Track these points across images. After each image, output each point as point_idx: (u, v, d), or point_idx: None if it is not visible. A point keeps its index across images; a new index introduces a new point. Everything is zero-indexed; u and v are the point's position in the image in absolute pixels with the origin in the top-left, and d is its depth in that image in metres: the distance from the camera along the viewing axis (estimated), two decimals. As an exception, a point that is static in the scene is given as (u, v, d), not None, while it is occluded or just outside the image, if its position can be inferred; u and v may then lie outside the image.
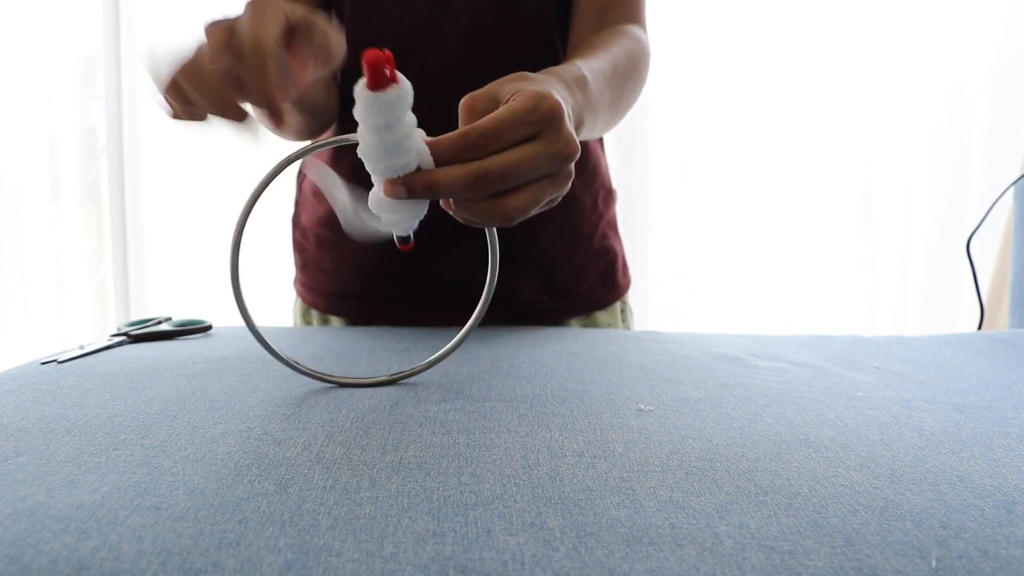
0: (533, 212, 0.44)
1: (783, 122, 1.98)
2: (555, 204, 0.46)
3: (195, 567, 0.27)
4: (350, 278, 0.84)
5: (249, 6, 0.46)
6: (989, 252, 1.68)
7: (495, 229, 0.47)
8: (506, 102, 0.43)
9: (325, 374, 0.51)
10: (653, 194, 1.97)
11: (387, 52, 0.40)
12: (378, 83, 0.39)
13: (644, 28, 0.79)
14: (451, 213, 0.44)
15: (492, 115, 0.42)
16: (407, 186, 0.41)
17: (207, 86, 0.46)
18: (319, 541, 0.29)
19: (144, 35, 1.89)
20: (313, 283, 0.87)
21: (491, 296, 0.50)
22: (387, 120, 0.39)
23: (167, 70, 0.47)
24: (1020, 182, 1.05)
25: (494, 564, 0.28)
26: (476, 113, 0.43)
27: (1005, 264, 1.64)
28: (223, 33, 0.45)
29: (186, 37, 0.49)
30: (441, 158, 0.41)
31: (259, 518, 0.30)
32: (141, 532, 0.29)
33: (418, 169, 0.41)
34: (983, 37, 1.93)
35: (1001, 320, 1.63)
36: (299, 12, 0.48)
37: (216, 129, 0.48)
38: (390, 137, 0.40)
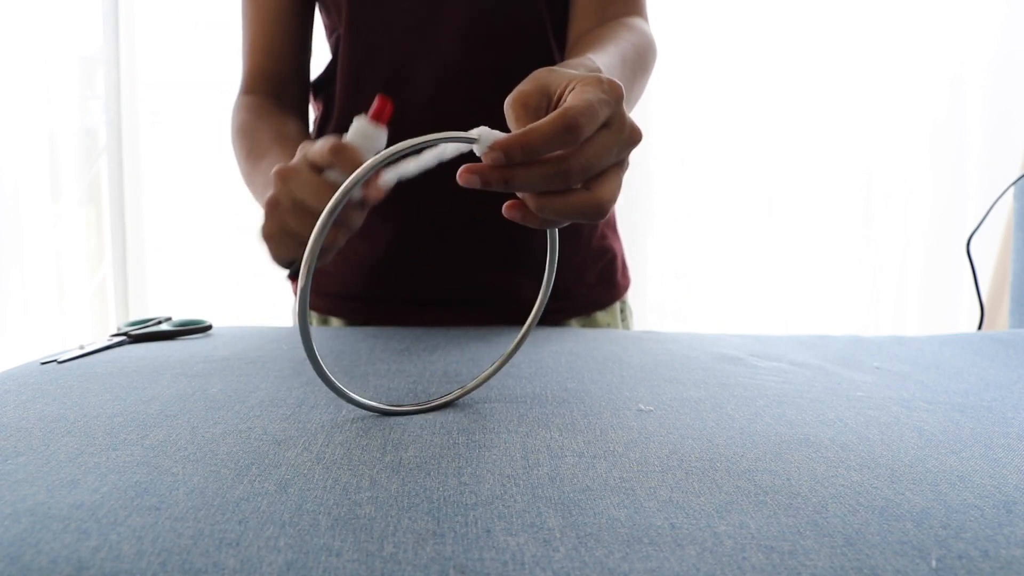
0: (611, 209, 0.42)
1: (783, 122, 1.98)
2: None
3: (195, 567, 0.27)
4: (350, 279, 0.84)
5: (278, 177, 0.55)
6: (989, 252, 1.68)
7: (556, 231, 0.46)
8: (562, 92, 0.42)
9: (385, 405, 0.46)
10: (653, 194, 1.97)
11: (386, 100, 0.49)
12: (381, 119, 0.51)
13: (646, 19, 0.79)
14: (523, 220, 0.41)
15: (581, 95, 0.40)
16: (481, 176, 0.38)
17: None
18: (319, 541, 0.29)
19: (144, 35, 1.89)
20: (313, 284, 0.87)
21: (547, 298, 0.49)
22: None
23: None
24: (1020, 182, 1.05)
25: (494, 564, 0.28)
26: (532, 109, 0.41)
27: (1005, 264, 1.64)
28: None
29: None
30: (540, 144, 0.38)
31: (259, 518, 0.30)
32: (141, 532, 0.29)
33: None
34: (983, 37, 1.93)
35: (1001, 320, 1.63)
36: (315, 151, 0.55)
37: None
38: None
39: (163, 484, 0.34)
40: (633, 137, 0.42)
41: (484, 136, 0.39)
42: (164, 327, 0.70)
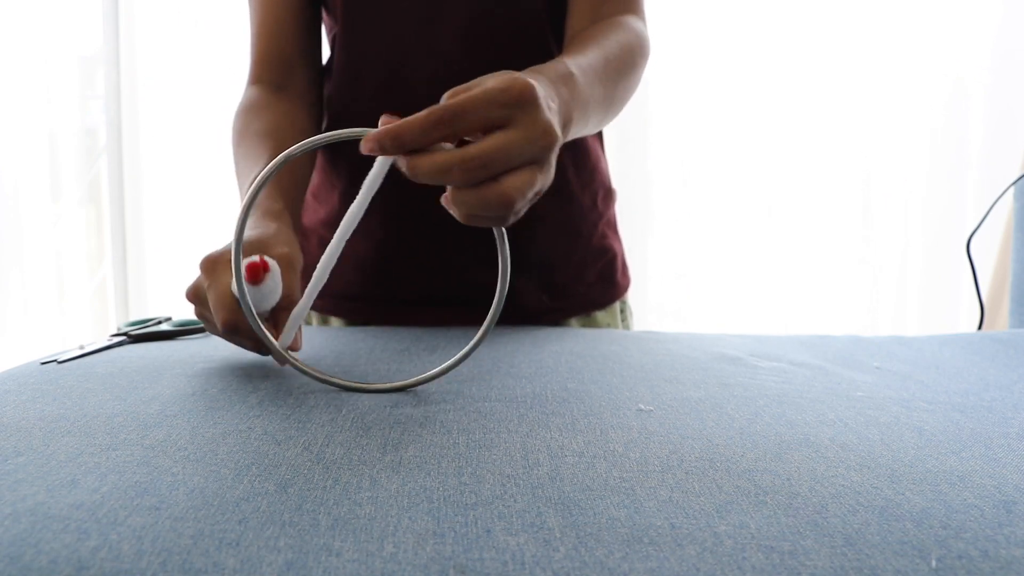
0: (529, 196, 0.44)
1: (783, 122, 1.98)
2: (541, 195, 0.46)
3: (195, 567, 0.27)
4: (351, 279, 0.84)
5: (203, 269, 0.54)
6: (989, 252, 1.68)
7: (504, 230, 0.47)
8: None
9: (335, 378, 0.50)
10: (653, 194, 1.97)
11: (262, 260, 0.50)
12: (258, 280, 0.50)
13: (642, 18, 0.78)
14: (456, 216, 0.44)
15: (461, 96, 0.42)
16: (385, 152, 0.42)
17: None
18: (319, 541, 0.29)
19: (144, 35, 1.89)
20: None
21: (503, 300, 0.50)
22: (270, 291, 0.51)
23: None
24: (1020, 182, 1.05)
25: (494, 564, 0.28)
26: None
27: (1005, 264, 1.64)
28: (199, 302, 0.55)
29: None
30: (410, 136, 0.41)
31: (259, 518, 0.30)
32: (141, 532, 0.29)
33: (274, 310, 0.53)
34: (983, 38, 1.93)
35: (1001, 320, 1.63)
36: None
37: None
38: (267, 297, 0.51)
39: (163, 484, 0.34)
40: (546, 138, 0.43)
41: (364, 130, 0.42)
42: (164, 327, 0.70)
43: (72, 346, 0.63)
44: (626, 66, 0.69)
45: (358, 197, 0.46)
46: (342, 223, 0.47)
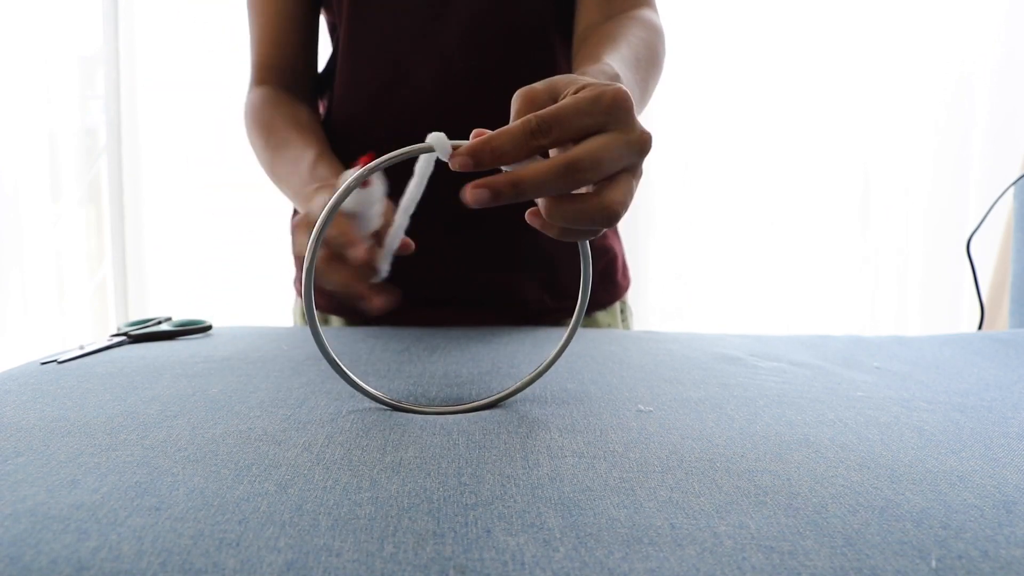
0: (622, 215, 0.42)
1: (783, 122, 1.99)
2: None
3: (195, 567, 0.27)
4: None
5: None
6: (989, 252, 1.68)
7: (587, 243, 0.45)
8: (566, 95, 0.42)
9: (413, 406, 0.47)
10: (653, 194, 1.97)
11: (370, 154, 0.45)
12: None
13: (654, 9, 0.78)
14: (543, 228, 0.41)
15: (555, 104, 0.40)
16: (491, 188, 0.38)
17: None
18: (319, 541, 0.29)
19: (144, 35, 1.89)
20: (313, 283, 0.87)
21: (583, 312, 0.48)
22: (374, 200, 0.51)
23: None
24: (1020, 182, 1.05)
25: (494, 564, 0.28)
26: (536, 105, 0.41)
27: (1005, 264, 1.64)
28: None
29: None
30: (510, 147, 0.38)
31: (259, 518, 0.30)
32: (141, 532, 0.29)
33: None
34: (984, 37, 1.93)
35: (1001, 320, 1.63)
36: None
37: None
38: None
39: (163, 484, 0.34)
40: (642, 142, 0.41)
41: (438, 141, 0.40)
42: (164, 327, 0.70)
43: (72, 346, 0.63)
44: (652, 65, 0.68)
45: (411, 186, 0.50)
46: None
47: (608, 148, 0.39)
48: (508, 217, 0.80)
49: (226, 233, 1.95)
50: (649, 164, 1.93)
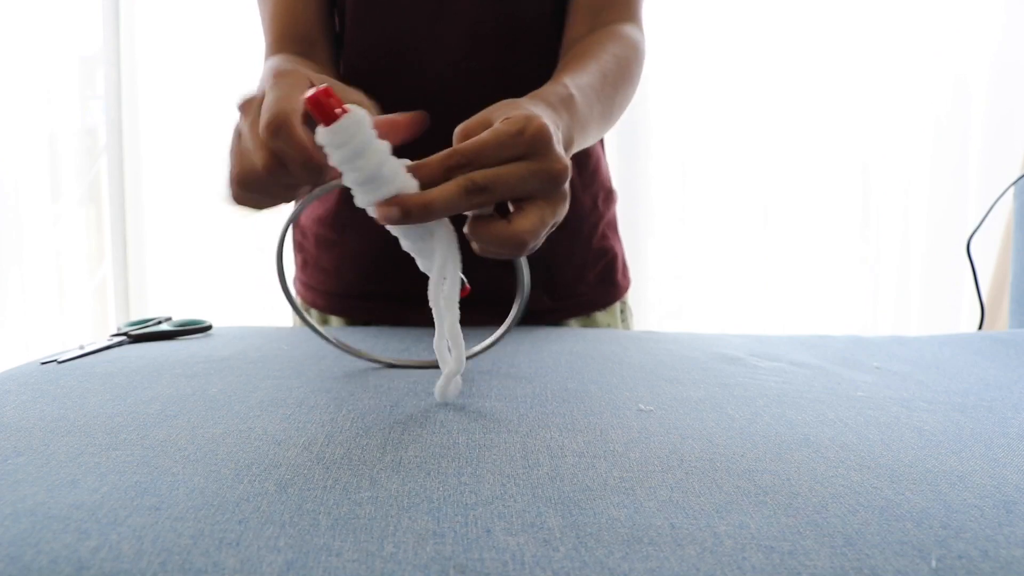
0: (543, 234, 0.44)
1: (783, 122, 1.98)
2: (555, 227, 0.46)
3: (195, 567, 0.27)
4: (350, 277, 0.84)
5: (274, 78, 0.47)
6: (989, 252, 1.68)
7: (523, 259, 0.47)
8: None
9: (377, 356, 0.51)
10: (653, 194, 1.97)
11: (325, 88, 0.40)
12: (328, 117, 0.39)
13: (639, 25, 0.78)
14: (474, 250, 0.45)
15: (476, 137, 0.42)
16: (401, 207, 0.40)
17: (260, 188, 0.48)
18: (319, 541, 0.29)
19: (144, 35, 1.89)
20: (313, 282, 0.87)
21: (520, 315, 0.51)
22: (353, 148, 0.40)
23: (225, 179, 0.49)
24: (1020, 182, 1.05)
25: (494, 564, 0.28)
26: (469, 139, 0.44)
27: (1005, 264, 1.64)
28: (254, 120, 0.45)
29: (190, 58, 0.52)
30: (426, 180, 0.41)
31: (259, 518, 0.30)
32: (141, 532, 0.29)
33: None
34: (983, 37, 1.93)
35: (1001, 320, 1.63)
36: (326, 79, 0.48)
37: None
38: (364, 166, 0.40)
39: (163, 484, 0.34)
40: (556, 172, 0.43)
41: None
42: (164, 327, 0.70)
43: (72, 346, 0.63)
44: (622, 80, 0.69)
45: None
46: None
47: (514, 173, 0.42)
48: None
49: (226, 233, 1.95)
50: (649, 165, 1.94)
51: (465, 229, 0.44)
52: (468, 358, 0.50)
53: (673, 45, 1.86)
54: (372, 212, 0.42)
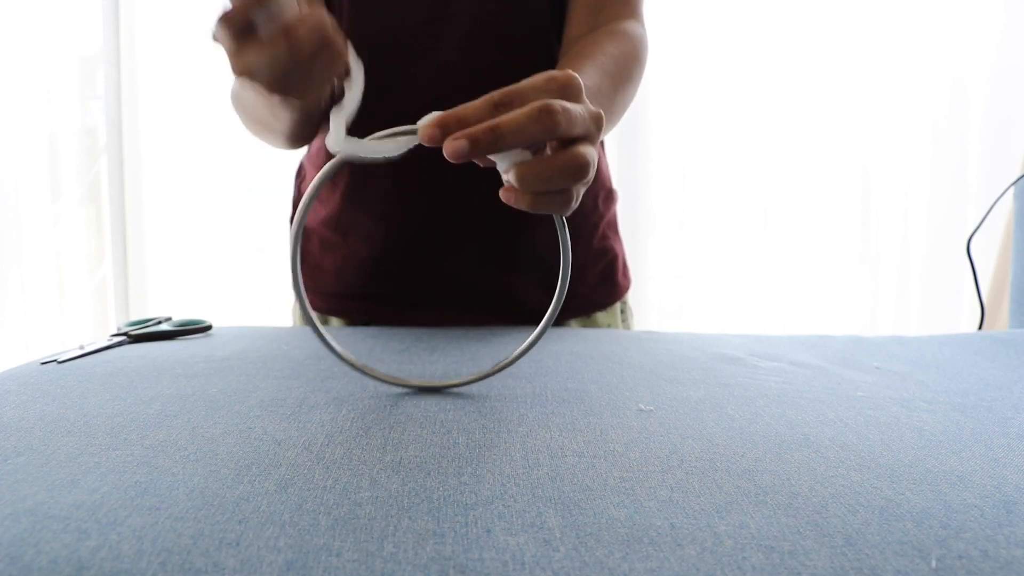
0: (591, 174, 0.43)
1: (783, 122, 1.99)
2: (583, 193, 0.46)
3: (195, 567, 0.27)
4: (351, 279, 0.84)
5: None
6: (989, 252, 1.68)
7: (564, 220, 0.46)
8: None
9: (393, 377, 0.49)
10: (653, 194, 1.97)
11: None
12: None
13: (640, 21, 0.78)
14: (516, 202, 0.42)
15: (513, 85, 0.42)
16: (469, 137, 0.39)
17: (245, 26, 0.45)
18: (319, 541, 0.29)
19: (144, 35, 1.89)
20: (313, 283, 0.87)
21: (564, 295, 0.48)
22: None
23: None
24: (1020, 182, 1.05)
25: (494, 564, 0.28)
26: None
27: (1005, 264, 1.64)
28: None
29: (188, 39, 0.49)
30: (475, 117, 0.40)
31: (259, 518, 0.30)
32: (141, 532, 0.29)
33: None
34: (983, 37, 1.93)
35: (1001, 320, 1.63)
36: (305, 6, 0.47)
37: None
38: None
39: (163, 484, 0.34)
40: (596, 117, 0.44)
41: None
42: (164, 327, 0.70)
43: (72, 346, 0.63)
44: (624, 80, 0.69)
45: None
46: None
47: (574, 106, 0.42)
48: (507, 217, 0.81)
49: (226, 233, 1.95)
50: (650, 165, 1.94)
51: (511, 178, 0.42)
52: (503, 367, 0.50)
53: (673, 46, 1.86)
54: (348, 150, 0.42)
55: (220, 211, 1.95)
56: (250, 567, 0.27)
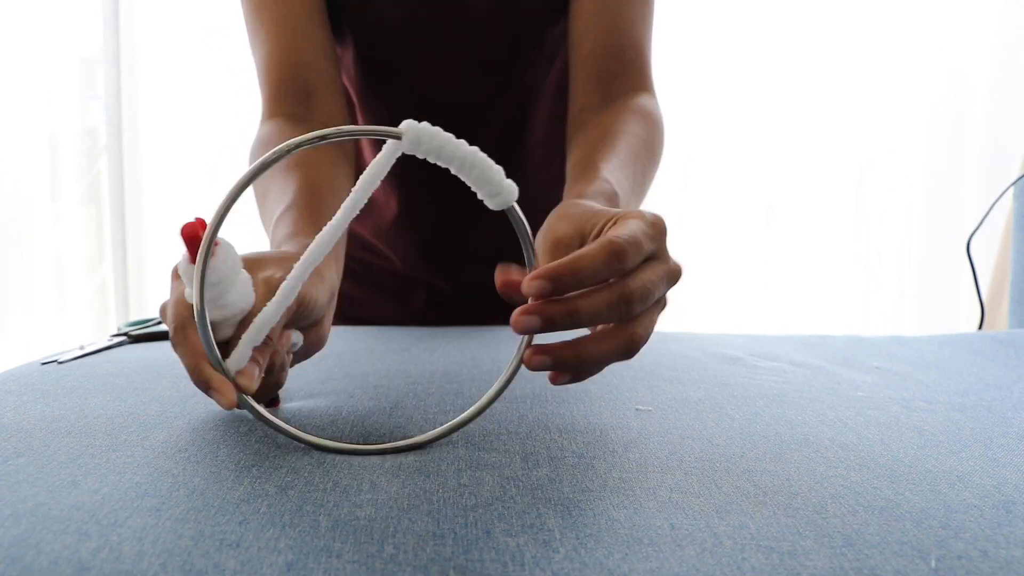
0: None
1: (783, 122, 1.99)
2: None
3: (196, 568, 0.27)
4: (379, 312, 0.84)
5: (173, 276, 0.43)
6: (989, 252, 1.68)
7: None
8: (600, 229, 0.41)
9: (304, 432, 0.39)
10: (653, 195, 1.97)
11: (199, 220, 0.38)
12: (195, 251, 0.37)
13: (653, 94, 0.74)
14: (552, 377, 0.40)
15: (627, 227, 0.39)
16: (543, 316, 0.37)
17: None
18: (319, 542, 0.29)
19: (144, 35, 1.89)
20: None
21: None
22: (220, 278, 0.38)
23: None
24: (1020, 182, 1.05)
25: (494, 565, 0.28)
26: (564, 247, 0.41)
27: (1005, 264, 1.64)
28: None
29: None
30: (590, 273, 0.36)
31: (260, 519, 0.31)
32: (142, 533, 0.29)
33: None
34: (983, 37, 1.93)
35: (1001, 320, 1.63)
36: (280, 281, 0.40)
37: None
38: (219, 290, 0.38)
39: (164, 485, 0.34)
40: (675, 273, 0.41)
41: (410, 129, 0.36)
42: (164, 327, 0.70)
43: (72, 346, 0.63)
44: (650, 164, 0.66)
45: (339, 214, 0.38)
46: (324, 231, 0.38)
47: (655, 280, 0.39)
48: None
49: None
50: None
51: (565, 354, 0.38)
52: (468, 422, 0.41)
53: (672, 47, 1.86)
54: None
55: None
56: (251, 568, 0.27)
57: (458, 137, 0.37)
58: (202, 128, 1.91)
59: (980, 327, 0.91)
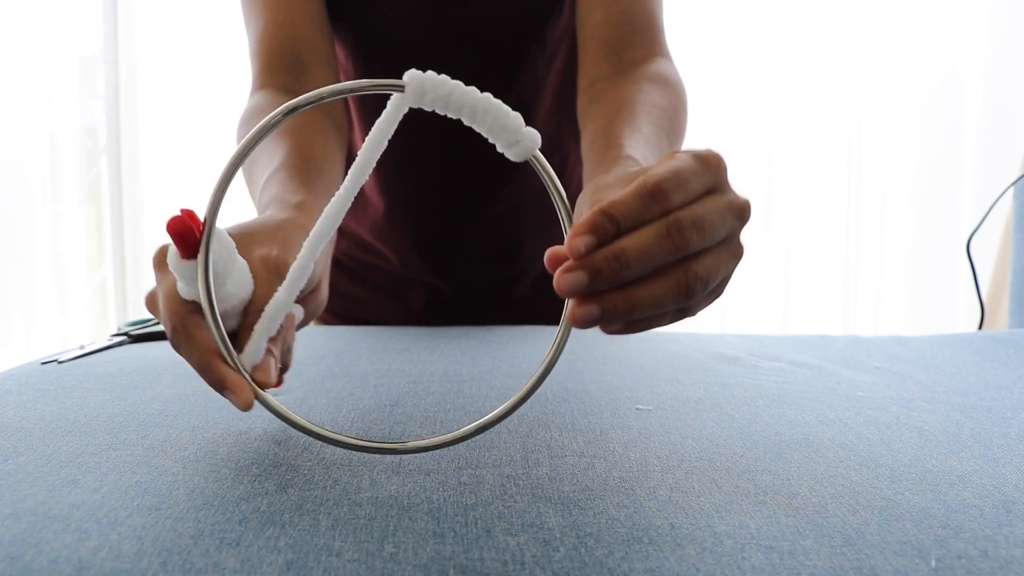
0: (713, 286, 0.35)
1: (781, 122, 1.99)
2: (723, 290, 0.37)
3: (196, 567, 0.27)
4: (375, 309, 0.84)
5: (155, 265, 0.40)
6: (989, 252, 1.68)
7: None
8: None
9: (321, 428, 0.36)
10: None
11: (185, 212, 0.35)
12: (191, 250, 0.35)
13: (669, 57, 0.70)
14: (603, 327, 0.35)
15: (666, 164, 0.34)
16: (588, 269, 0.31)
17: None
18: (319, 541, 0.29)
19: (144, 35, 1.89)
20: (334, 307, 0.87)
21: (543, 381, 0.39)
22: (216, 268, 0.36)
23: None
24: (1020, 182, 1.05)
25: (494, 564, 0.28)
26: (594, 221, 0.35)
27: (1005, 264, 1.64)
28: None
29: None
30: (627, 216, 0.32)
31: (259, 518, 0.31)
32: (141, 532, 0.29)
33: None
34: (982, 35, 1.93)
35: (1001, 320, 1.63)
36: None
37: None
38: (216, 282, 0.36)
39: (163, 484, 0.34)
40: (739, 207, 0.36)
41: (413, 79, 0.35)
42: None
43: (72, 346, 0.63)
44: (675, 138, 0.61)
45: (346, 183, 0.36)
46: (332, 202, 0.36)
47: (712, 211, 0.34)
48: (507, 219, 0.81)
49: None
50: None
51: (617, 302, 0.33)
52: (482, 429, 0.37)
53: (672, 46, 1.86)
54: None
55: (220, 211, 1.94)
56: (250, 567, 0.27)
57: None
58: (202, 128, 1.91)
59: (980, 327, 0.91)
